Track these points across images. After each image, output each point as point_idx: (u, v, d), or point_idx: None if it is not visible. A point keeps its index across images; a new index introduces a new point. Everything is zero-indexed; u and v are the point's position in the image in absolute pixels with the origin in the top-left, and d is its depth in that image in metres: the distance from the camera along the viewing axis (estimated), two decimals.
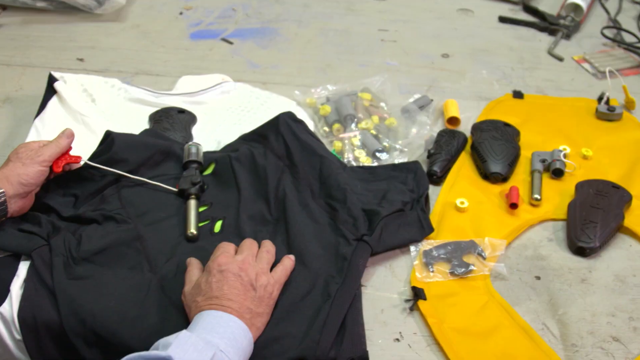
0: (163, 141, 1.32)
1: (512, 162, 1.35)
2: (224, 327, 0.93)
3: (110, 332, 1.02)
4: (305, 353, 0.97)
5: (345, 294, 1.06)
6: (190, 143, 1.31)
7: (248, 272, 1.01)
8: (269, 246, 1.10)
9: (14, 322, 1.05)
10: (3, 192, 1.09)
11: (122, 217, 1.18)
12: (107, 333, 1.02)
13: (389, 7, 1.98)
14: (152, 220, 1.20)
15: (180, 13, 1.92)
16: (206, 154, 1.31)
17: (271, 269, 1.06)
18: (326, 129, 1.44)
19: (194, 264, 1.06)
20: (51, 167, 1.19)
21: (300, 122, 1.35)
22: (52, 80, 1.48)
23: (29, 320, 1.04)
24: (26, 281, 1.09)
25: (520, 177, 1.35)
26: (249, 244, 1.08)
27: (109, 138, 1.27)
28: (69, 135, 1.21)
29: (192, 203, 1.21)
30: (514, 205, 1.26)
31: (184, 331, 0.90)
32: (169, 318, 1.02)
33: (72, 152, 1.23)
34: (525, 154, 1.39)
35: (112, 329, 1.02)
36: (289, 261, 1.09)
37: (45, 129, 1.38)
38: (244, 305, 0.97)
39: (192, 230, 1.17)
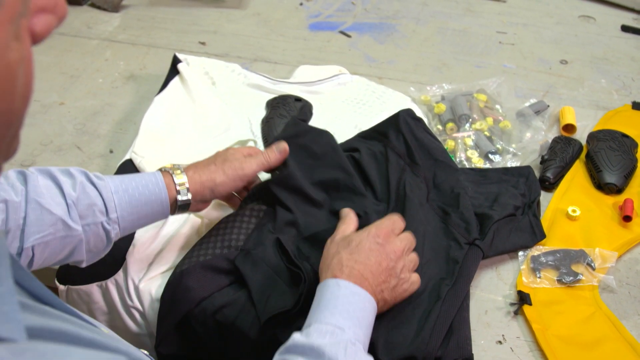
0: None
1: (628, 174, 1.32)
2: (361, 312, 0.90)
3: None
4: (414, 352, 0.97)
5: (455, 296, 1.06)
6: None
7: (397, 263, 0.98)
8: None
9: (129, 290, 1.10)
10: (189, 199, 1.04)
11: None
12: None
13: (508, 10, 1.96)
14: None
15: (301, 4, 1.95)
16: None
17: None
18: (440, 127, 1.44)
19: (352, 218, 1.06)
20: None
21: (419, 120, 1.34)
22: (176, 61, 1.53)
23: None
24: None
25: (635, 190, 1.32)
26: (411, 237, 1.03)
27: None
28: (281, 150, 1.14)
29: None
30: (627, 218, 1.23)
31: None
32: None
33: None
34: None
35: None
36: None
37: (163, 105, 1.44)
38: (377, 289, 0.94)
39: None
